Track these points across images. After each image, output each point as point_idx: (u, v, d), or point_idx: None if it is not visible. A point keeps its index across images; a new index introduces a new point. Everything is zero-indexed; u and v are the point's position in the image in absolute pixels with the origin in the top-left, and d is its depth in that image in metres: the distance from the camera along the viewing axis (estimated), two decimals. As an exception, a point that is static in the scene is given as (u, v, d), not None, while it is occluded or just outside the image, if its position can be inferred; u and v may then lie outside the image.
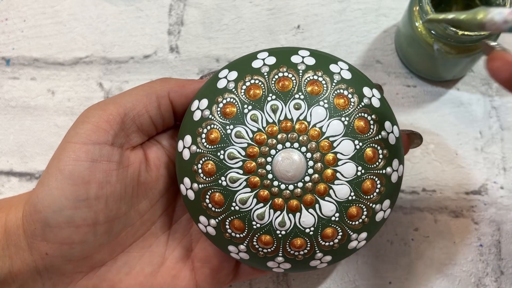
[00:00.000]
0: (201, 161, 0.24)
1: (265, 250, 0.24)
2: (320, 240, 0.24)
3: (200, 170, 0.24)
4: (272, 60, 0.25)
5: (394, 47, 0.37)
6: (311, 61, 0.25)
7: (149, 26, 0.38)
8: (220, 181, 0.23)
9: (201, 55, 0.38)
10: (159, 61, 0.38)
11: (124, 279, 0.26)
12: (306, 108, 0.23)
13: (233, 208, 0.24)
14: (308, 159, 0.23)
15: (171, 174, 0.28)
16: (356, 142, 0.23)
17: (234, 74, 0.25)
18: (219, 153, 0.23)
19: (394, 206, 0.30)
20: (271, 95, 0.24)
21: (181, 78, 0.36)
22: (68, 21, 0.39)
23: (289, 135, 0.23)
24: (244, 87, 0.24)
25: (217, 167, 0.23)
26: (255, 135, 0.23)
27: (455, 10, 0.34)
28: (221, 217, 0.24)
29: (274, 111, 0.23)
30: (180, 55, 0.38)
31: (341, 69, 0.25)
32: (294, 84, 0.24)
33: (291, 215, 0.23)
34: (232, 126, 0.23)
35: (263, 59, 0.25)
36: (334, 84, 0.24)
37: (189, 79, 0.28)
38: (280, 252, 0.24)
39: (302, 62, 0.25)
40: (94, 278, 0.26)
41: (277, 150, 0.23)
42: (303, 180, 0.23)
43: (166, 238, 0.28)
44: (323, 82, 0.24)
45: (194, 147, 0.24)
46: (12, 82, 0.38)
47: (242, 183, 0.23)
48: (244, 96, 0.24)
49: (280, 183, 0.23)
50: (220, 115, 0.24)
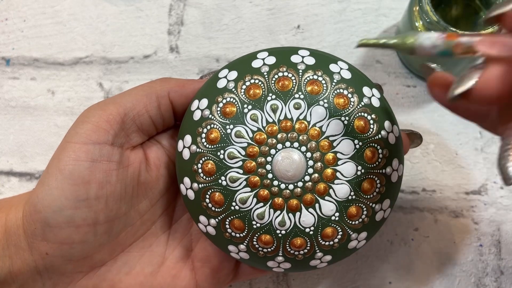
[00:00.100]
0: (201, 161, 0.24)
1: (265, 250, 0.24)
2: (320, 239, 0.24)
3: (200, 170, 0.24)
4: (272, 59, 0.25)
5: (394, 47, 0.37)
6: (311, 60, 0.25)
7: (149, 26, 0.38)
8: (220, 181, 0.23)
9: (201, 55, 0.38)
10: (159, 61, 0.38)
11: (124, 279, 0.26)
12: (306, 108, 0.23)
13: (233, 207, 0.24)
14: (308, 159, 0.23)
15: (171, 174, 0.28)
16: (356, 141, 0.23)
17: (234, 74, 0.25)
18: (219, 153, 0.23)
19: (394, 206, 0.30)
20: (271, 94, 0.23)
21: (181, 78, 0.36)
22: (68, 21, 0.39)
23: (289, 135, 0.23)
24: (244, 86, 0.24)
25: (217, 166, 0.23)
26: (255, 134, 0.23)
27: (455, 10, 0.34)
28: (221, 216, 0.24)
29: (274, 110, 0.23)
30: (180, 55, 0.38)
31: (341, 68, 0.25)
32: (294, 83, 0.24)
33: (291, 215, 0.23)
34: (232, 126, 0.23)
35: (263, 59, 0.25)
36: (334, 83, 0.24)
37: (189, 79, 0.28)
38: (280, 251, 0.24)
39: (302, 61, 0.24)
40: (94, 278, 0.26)
41: (277, 150, 0.23)
42: (303, 180, 0.23)
43: (166, 238, 0.28)
44: (323, 81, 0.24)
45: (194, 147, 0.24)
46: (12, 82, 0.38)
47: (242, 182, 0.23)
48: (244, 95, 0.24)
49: (280, 183, 0.23)
50: (220, 114, 0.24)
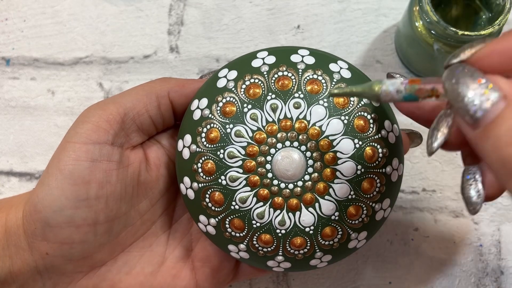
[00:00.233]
0: (201, 160, 0.24)
1: (265, 249, 0.24)
2: (320, 239, 0.24)
3: (200, 169, 0.24)
4: (271, 59, 0.25)
5: (394, 47, 0.37)
6: (310, 60, 0.25)
7: (149, 26, 0.38)
8: (220, 180, 0.23)
9: (201, 55, 0.38)
10: (159, 61, 0.38)
11: (124, 278, 0.26)
12: (306, 107, 0.23)
13: (233, 207, 0.24)
14: (308, 158, 0.23)
15: (171, 173, 0.28)
16: (356, 141, 0.23)
17: (233, 73, 0.25)
18: (219, 152, 0.23)
19: (394, 206, 0.30)
20: (270, 94, 0.23)
21: (181, 78, 0.36)
22: (68, 21, 0.39)
23: (289, 134, 0.23)
24: (244, 86, 0.24)
25: (217, 166, 0.23)
26: (255, 134, 0.23)
27: (455, 10, 0.34)
28: (221, 216, 0.24)
29: (274, 110, 0.23)
30: (180, 55, 0.38)
31: (341, 68, 0.25)
32: (294, 83, 0.24)
33: (291, 214, 0.23)
34: (231, 125, 0.23)
35: (263, 58, 0.25)
36: (333, 83, 0.24)
37: (189, 79, 0.28)
38: (280, 251, 0.24)
39: (302, 61, 0.24)
40: (94, 278, 0.26)
41: (277, 149, 0.23)
42: (302, 179, 0.23)
43: (166, 238, 0.28)
44: (323, 81, 0.24)
45: (194, 147, 0.24)
46: (12, 82, 0.38)
47: (242, 182, 0.23)
48: (243, 95, 0.24)
49: (280, 182, 0.23)
50: (220, 114, 0.24)
